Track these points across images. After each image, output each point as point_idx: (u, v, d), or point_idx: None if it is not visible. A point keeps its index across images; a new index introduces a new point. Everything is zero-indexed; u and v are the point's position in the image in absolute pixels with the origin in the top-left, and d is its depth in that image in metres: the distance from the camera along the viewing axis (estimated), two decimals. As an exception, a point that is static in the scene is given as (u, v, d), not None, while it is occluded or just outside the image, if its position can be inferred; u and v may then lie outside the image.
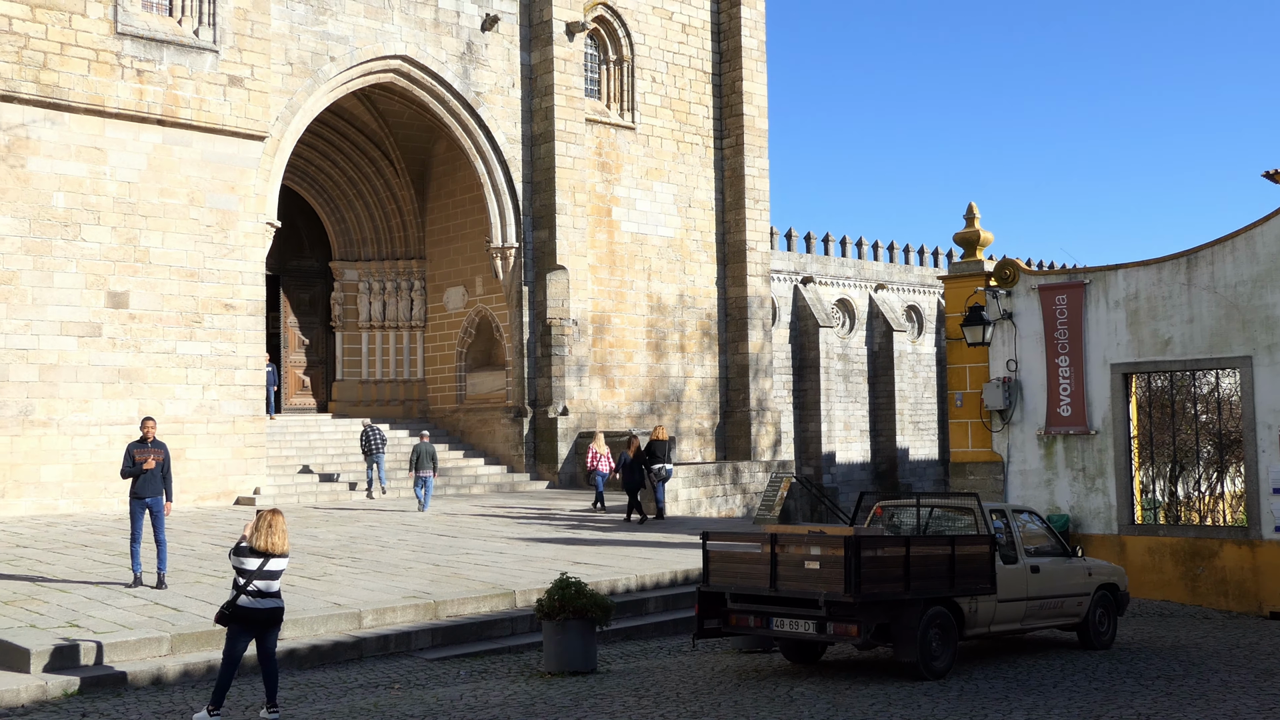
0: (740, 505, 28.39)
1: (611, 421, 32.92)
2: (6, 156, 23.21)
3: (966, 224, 21.75)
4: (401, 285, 34.76)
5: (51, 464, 23.42)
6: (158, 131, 25.04)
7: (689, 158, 35.57)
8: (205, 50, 25.56)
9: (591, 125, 33.19)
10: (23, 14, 23.29)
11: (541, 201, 32.01)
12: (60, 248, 23.75)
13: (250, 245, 26.38)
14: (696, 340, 35.49)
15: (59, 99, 23.67)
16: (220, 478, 25.63)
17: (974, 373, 20.67)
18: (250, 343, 26.31)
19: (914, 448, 48.26)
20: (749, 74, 36.12)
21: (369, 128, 33.81)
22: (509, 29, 32.00)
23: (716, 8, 36.48)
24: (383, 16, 29.45)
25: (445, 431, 33.51)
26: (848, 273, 47.32)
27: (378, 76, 29.82)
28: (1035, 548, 13.70)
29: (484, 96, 31.35)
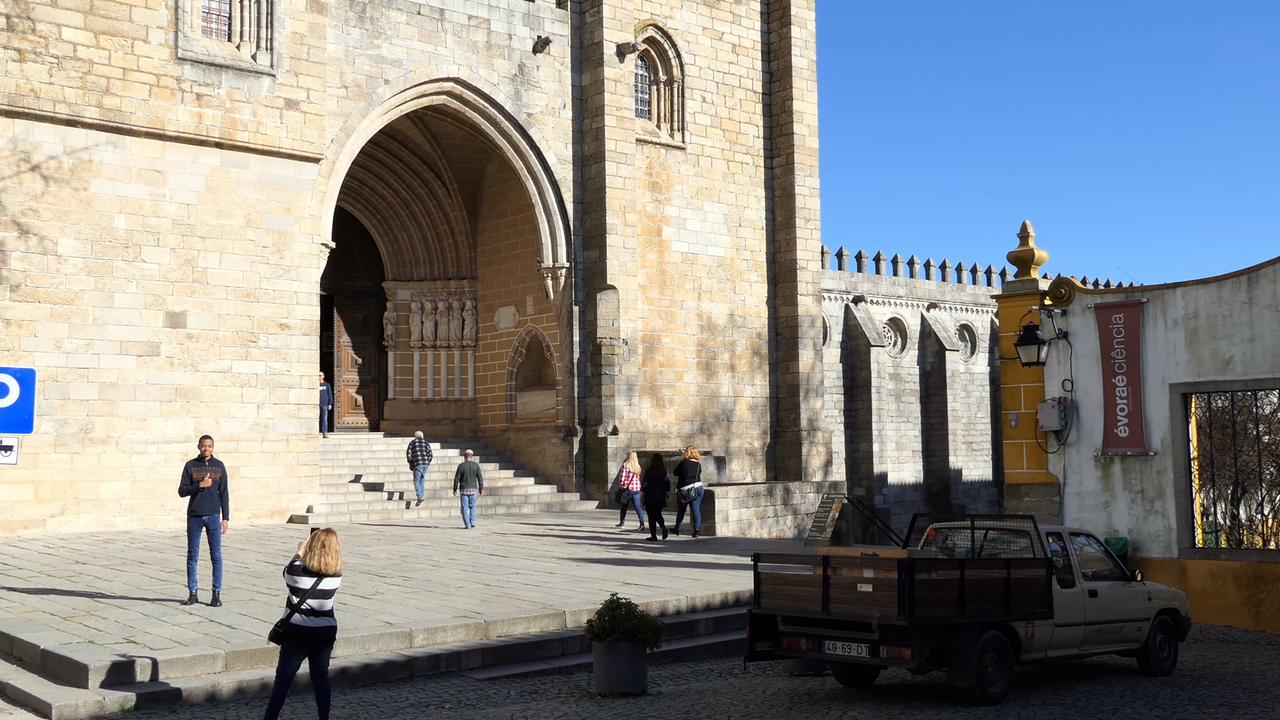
0: (791, 526, 28.24)
1: (662, 441, 32.89)
2: (70, 179, 23.67)
3: (1020, 242, 21.54)
4: (453, 305, 35.00)
5: (110, 481, 23.77)
6: (216, 154, 25.43)
7: (739, 177, 35.56)
8: (263, 74, 25.94)
9: (642, 145, 33.29)
10: (87, 40, 23.78)
11: (592, 221, 32.12)
12: (121, 268, 24.15)
13: (305, 266, 26.67)
14: (747, 360, 35.40)
15: (121, 123, 24.10)
16: (274, 496, 25.88)
17: (1029, 393, 20.43)
18: (304, 362, 26.58)
19: (967, 469, 47.76)
20: (799, 93, 36.08)
21: (422, 149, 34.13)
22: (560, 51, 32.20)
23: (767, 28, 36.51)
24: (436, 40, 29.75)
25: (495, 451, 33.64)
26: (899, 292, 47.02)
27: (431, 99, 30.10)
28: (1093, 571, 13.49)
29: (535, 118, 31.55)
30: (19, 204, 23.05)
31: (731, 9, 35.63)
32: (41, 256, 23.25)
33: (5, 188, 22.93)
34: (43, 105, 23.23)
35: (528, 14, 31.64)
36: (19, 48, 23.02)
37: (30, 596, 15.28)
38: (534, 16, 31.76)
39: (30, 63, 23.14)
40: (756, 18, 36.26)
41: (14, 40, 22.97)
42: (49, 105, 23.30)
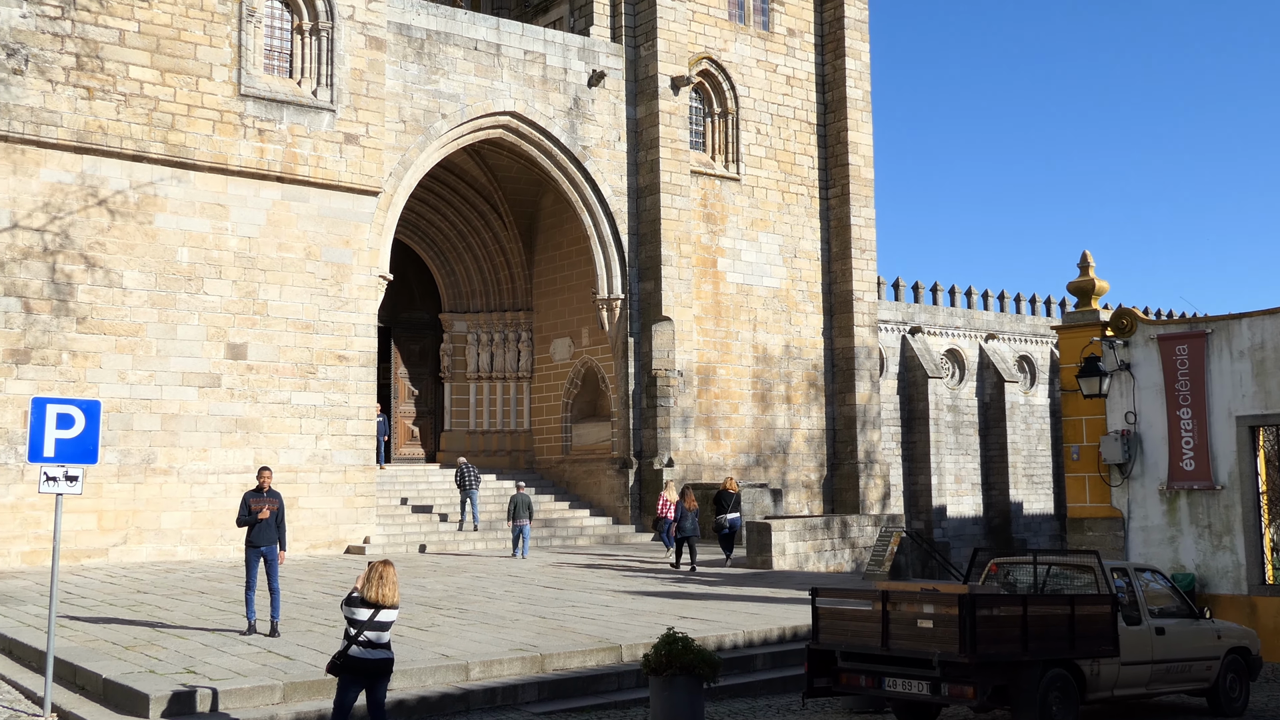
0: (849, 560, 27.94)
1: (717, 473, 32.74)
2: (135, 213, 24.11)
3: (1080, 272, 21.29)
4: (509, 336, 35.17)
5: (171, 511, 24.05)
6: (277, 188, 25.80)
7: (794, 208, 35.50)
8: (323, 110, 26.32)
9: (696, 177, 33.35)
10: (153, 78, 24.27)
11: (647, 253, 32.18)
12: (184, 301, 24.53)
13: (363, 298, 26.94)
14: (803, 391, 35.21)
15: (185, 158, 24.55)
16: (331, 526, 26.05)
17: (1090, 425, 20.12)
18: (362, 393, 26.80)
19: (1028, 502, 47.09)
20: (854, 124, 36.02)
21: (478, 182, 34.42)
22: (615, 84, 32.40)
23: (821, 60, 36.51)
24: (492, 75, 30.06)
25: (551, 482, 33.66)
26: (957, 322, 46.61)
27: (487, 132, 30.38)
28: (1160, 608, 13.21)
29: (590, 150, 31.73)
30: (86, 238, 23.51)
31: (785, 41, 35.69)
32: (107, 289, 23.68)
33: (73, 222, 23.40)
34: (110, 141, 23.72)
35: (583, 48, 31.89)
36: (88, 86, 23.55)
37: (93, 625, 15.46)
38: (589, 51, 32.00)
39: (99, 100, 23.65)
40: (810, 50, 36.28)
41: (83, 78, 23.50)
42: (116, 141, 23.78)
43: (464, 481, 28.83)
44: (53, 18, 23.22)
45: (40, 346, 22.89)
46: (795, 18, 35.97)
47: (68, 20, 23.38)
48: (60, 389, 22.79)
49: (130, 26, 24.07)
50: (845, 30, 36.07)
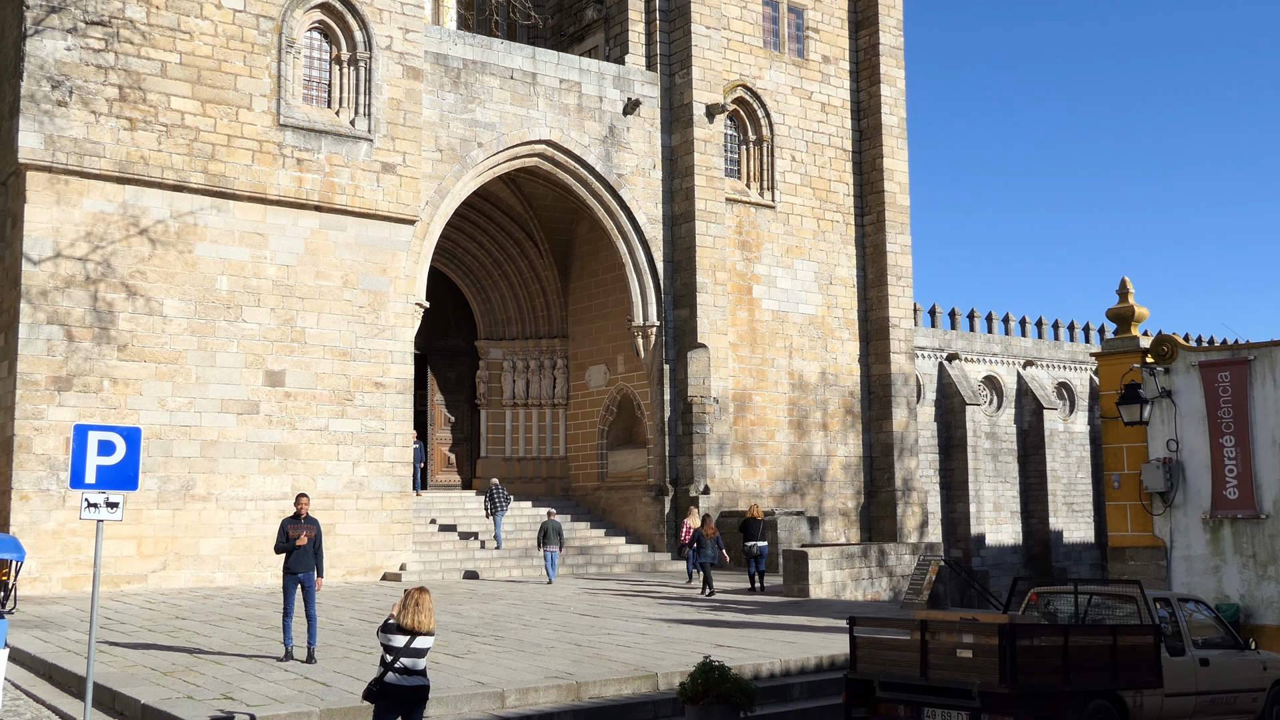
0: (887, 588, 27.71)
1: (754, 500, 32.59)
2: (176, 242, 24.39)
3: (1119, 299, 21.12)
4: (544, 364, 35.24)
5: (210, 538, 24.20)
6: (315, 217, 26.04)
7: (829, 235, 35.45)
8: (361, 139, 26.58)
9: (731, 204, 33.39)
10: (194, 109, 24.60)
11: (682, 280, 32.21)
12: (223, 328, 24.75)
13: (400, 325, 27.10)
14: (839, 418, 35.05)
15: (225, 188, 24.83)
16: (368, 553, 26.12)
17: (1131, 453, 19.90)
18: (399, 420, 26.91)
19: (1068, 530, 46.58)
20: (889, 151, 35.97)
21: (514, 210, 34.60)
22: (650, 112, 32.54)
23: (856, 87, 36.52)
24: (528, 103, 30.26)
25: (586, 509, 33.63)
26: (994, 349, 46.30)
27: (523, 161, 30.56)
28: (1204, 639, 13.01)
29: (625, 178, 31.85)
30: (128, 266, 23.80)
31: (820, 69, 35.73)
32: (148, 317, 23.94)
33: (115, 251, 23.70)
34: (151, 171, 24.03)
35: (618, 77, 32.06)
36: (130, 117, 23.89)
37: (132, 651, 15.55)
38: (624, 79, 32.16)
39: (140, 131, 23.98)
40: (845, 77, 36.31)
41: (126, 110, 23.85)
42: (157, 171, 24.10)
43: (493, 504, 29.44)
44: (97, 50, 23.60)
45: (82, 374, 23.15)
46: (830, 45, 36.03)
47: (111, 52, 23.75)
48: (101, 416, 23.03)
49: (172, 58, 24.42)
50: (880, 57, 36.09)
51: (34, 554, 21.79)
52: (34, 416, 22.61)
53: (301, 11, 26.05)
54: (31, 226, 22.93)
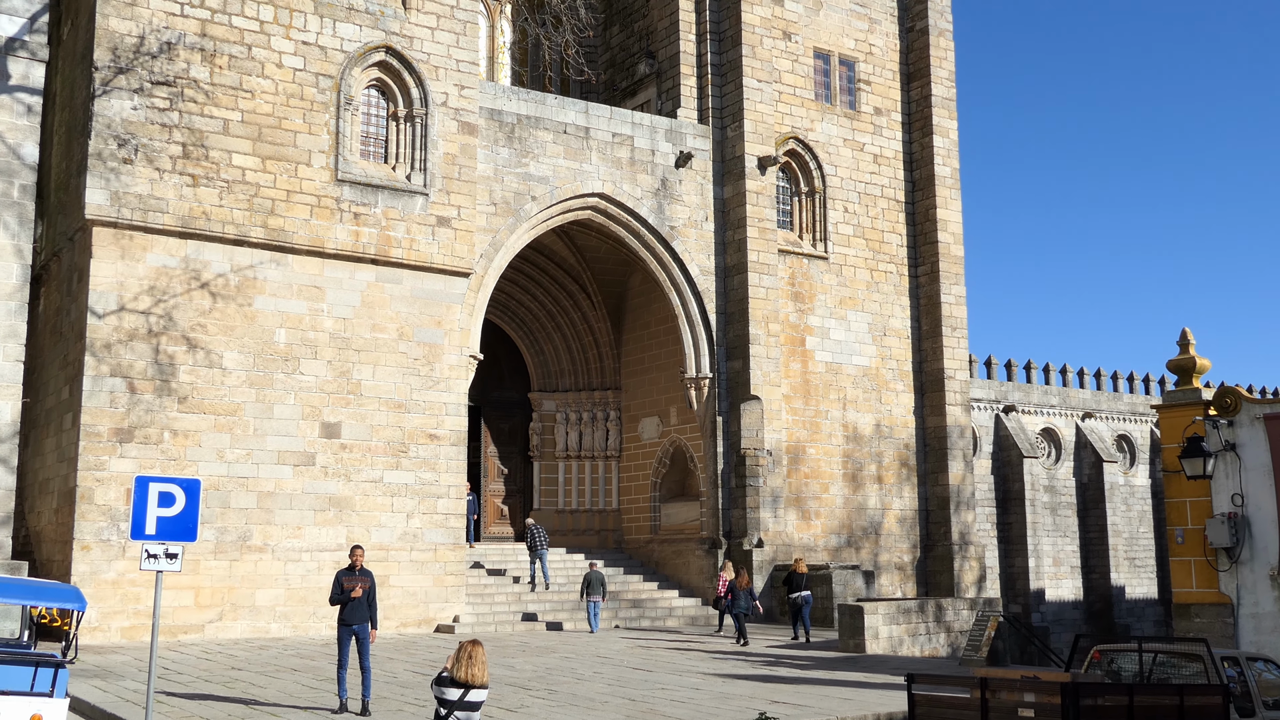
0: (944, 644, 27.29)
1: (808, 554, 32.31)
2: (235, 296, 24.78)
3: (1180, 350, 20.83)
4: (598, 415, 35.28)
5: (265, 588, 24.34)
6: (371, 270, 26.37)
7: (883, 286, 35.33)
8: (416, 194, 26.93)
9: (784, 256, 33.39)
10: (255, 165, 25.08)
11: (735, 332, 32.19)
12: (280, 380, 25.05)
13: (454, 377, 27.28)
14: (894, 471, 34.73)
15: (284, 242, 25.23)
16: (421, 605, 26.14)
17: (1195, 507, 19.51)
18: (452, 472, 27.01)
19: (1130, 586, 45.67)
20: (942, 201, 35.86)
21: (567, 262, 34.83)
22: (702, 165, 32.72)
23: (908, 138, 36.53)
24: (581, 157, 30.55)
25: (639, 562, 33.48)
26: (1052, 401, 45.74)
27: (576, 214, 30.81)
28: (1274, 699, 12.66)
29: (678, 230, 31.99)
30: (189, 320, 24.19)
31: (872, 120, 35.80)
32: (208, 370, 24.29)
33: (177, 305, 24.11)
34: (213, 226, 24.48)
35: (670, 130, 32.31)
36: (193, 173, 24.39)
37: (188, 702, 15.63)
38: (676, 132, 32.40)
39: (203, 187, 24.47)
40: (898, 128, 36.34)
41: (189, 167, 24.36)
42: (218, 226, 24.54)
43: (533, 543, 29.63)
44: (162, 109, 24.16)
45: (143, 425, 23.49)
46: (882, 97, 36.10)
47: (176, 111, 24.30)
48: (161, 467, 23.33)
49: (234, 116, 24.94)
50: (933, 108, 36.11)
51: (94, 604, 22.01)
52: (96, 468, 22.94)
53: (360, 70, 26.55)
54: (97, 281, 23.40)
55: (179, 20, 24.48)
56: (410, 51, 27.13)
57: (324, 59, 26.07)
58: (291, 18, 25.77)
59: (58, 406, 24.76)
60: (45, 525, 24.86)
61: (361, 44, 26.51)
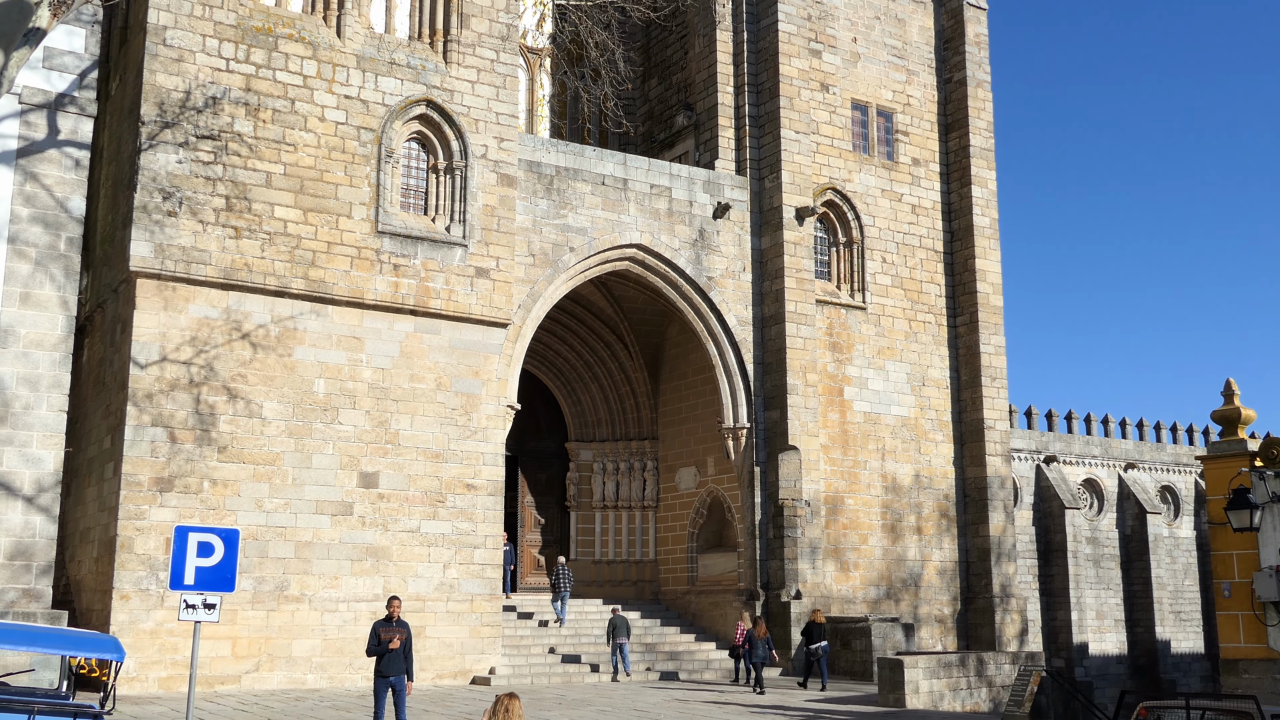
0: (986, 699, 26.84)
1: (846, 606, 31.98)
2: (276, 346, 25.00)
3: (1225, 400, 20.56)
4: (634, 466, 35.21)
5: (302, 639, 24.34)
6: (410, 321, 26.54)
7: (921, 336, 35.17)
8: (455, 245, 27.15)
9: (822, 306, 33.34)
10: (296, 218, 25.39)
11: (772, 382, 32.11)
12: (319, 430, 25.18)
13: (491, 427, 27.33)
14: (934, 522, 34.38)
15: (324, 293, 25.47)
16: (457, 656, 26.04)
17: (1242, 560, 19.17)
18: (489, 522, 26.99)
19: (1176, 640, 44.85)
20: (981, 251, 35.74)
21: (604, 313, 34.94)
22: (739, 216, 32.81)
23: (947, 188, 36.50)
24: (619, 209, 30.73)
25: (676, 614, 33.24)
26: (1094, 451, 45.22)
27: (614, 264, 30.94)
28: (1328, 760, 12.34)
29: (715, 281, 32.03)
30: (229, 370, 24.42)
31: (910, 171, 35.82)
32: (247, 419, 24.47)
33: (218, 355, 24.36)
34: (254, 278, 24.75)
35: (708, 181, 32.45)
36: (235, 226, 24.72)
37: (224, 753, 15.58)
38: (714, 184, 32.55)
39: (245, 239, 24.78)
40: (936, 179, 36.33)
41: (232, 219, 24.69)
42: (260, 278, 24.81)
43: (557, 583, 30.28)
44: (206, 162, 24.55)
45: (183, 475, 23.66)
46: (920, 148, 36.14)
47: (219, 165, 24.68)
48: (200, 517, 23.47)
49: (276, 169, 25.30)
50: (971, 159, 36.09)
51: (132, 653, 22.09)
52: (136, 517, 23.11)
53: (401, 123, 26.88)
54: (140, 331, 23.68)
55: (224, 75, 24.93)
56: (451, 105, 27.46)
57: (366, 113, 26.43)
58: (334, 72, 26.18)
59: (100, 456, 25.00)
60: (85, 574, 25.03)
61: (403, 98, 26.87)
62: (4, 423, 20.77)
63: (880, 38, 35.88)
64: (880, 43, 35.86)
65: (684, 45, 35.04)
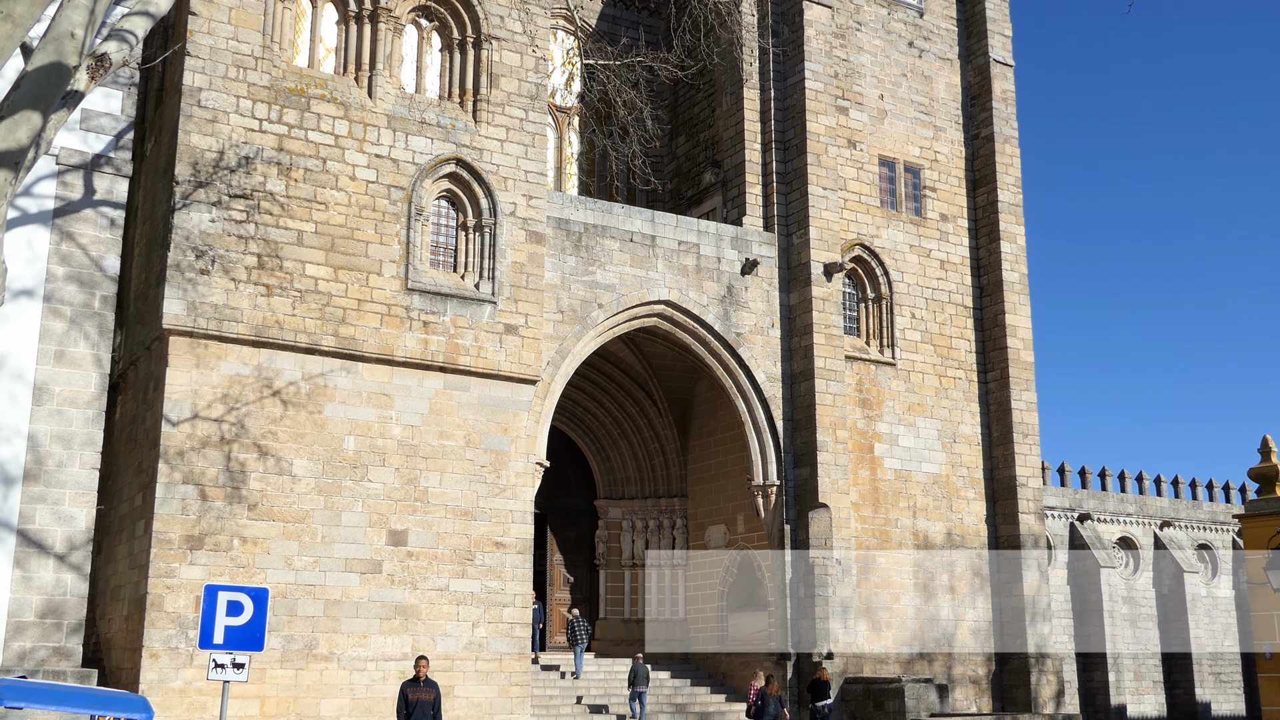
0: (1023, 762, 26.37)
1: (879, 666, 31.52)
2: (306, 404, 25.07)
3: (1261, 458, 20.30)
4: (664, 523, 34.99)
5: (330, 698, 24.15)
6: (439, 378, 26.58)
7: (952, 392, 34.94)
8: (484, 302, 27.24)
9: (851, 362, 33.21)
10: (327, 275, 25.56)
11: (802, 439, 31.92)
12: (348, 488, 25.16)
13: (520, 485, 27.24)
14: (967, 581, 33.94)
15: (354, 350, 25.56)
16: (486, 716, 25.76)
17: (1285, 621, 18.78)
18: (518, 580, 26.81)
19: (1216, 702, 43.95)
20: (1011, 307, 35.57)
21: (633, 369, 34.91)
22: (768, 272, 32.82)
23: (975, 244, 36.43)
24: (647, 265, 30.81)
25: (706, 673, 32.85)
26: (1129, 509, 44.65)
27: (642, 321, 30.95)
28: (1382, 828, 11.98)
29: (744, 337, 31.98)
30: (260, 427, 24.48)
31: (938, 226, 35.80)
32: (278, 477, 24.49)
33: (249, 412, 24.44)
34: (285, 335, 24.89)
35: (735, 238, 32.52)
36: (267, 283, 24.90)
37: (250, 815, 15.42)
38: (742, 240, 32.60)
39: (276, 296, 24.95)
40: (964, 234, 36.28)
41: (264, 277, 24.88)
42: (291, 335, 24.95)
43: (573, 636, 30.52)
44: (238, 221, 24.80)
45: (213, 533, 23.65)
46: (948, 203, 36.14)
47: (252, 223, 24.92)
48: (230, 575, 23.42)
49: (308, 227, 25.52)
50: (999, 214, 36.05)
51: (160, 712, 21.96)
52: (166, 575, 23.08)
53: (431, 181, 27.11)
54: (172, 389, 23.81)
55: (257, 135, 25.24)
56: (480, 163, 27.69)
57: (396, 171, 26.67)
58: (365, 132, 26.47)
59: (131, 513, 25.05)
60: (115, 632, 24.99)
61: (433, 156, 27.11)
62: (37, 480, 20.86)
63: (907, 94, 36.03)
64: (907, 99, 36.00)
65: (711, 103, 35.29)
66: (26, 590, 20.49)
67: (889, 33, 36.22)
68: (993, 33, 37.25)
